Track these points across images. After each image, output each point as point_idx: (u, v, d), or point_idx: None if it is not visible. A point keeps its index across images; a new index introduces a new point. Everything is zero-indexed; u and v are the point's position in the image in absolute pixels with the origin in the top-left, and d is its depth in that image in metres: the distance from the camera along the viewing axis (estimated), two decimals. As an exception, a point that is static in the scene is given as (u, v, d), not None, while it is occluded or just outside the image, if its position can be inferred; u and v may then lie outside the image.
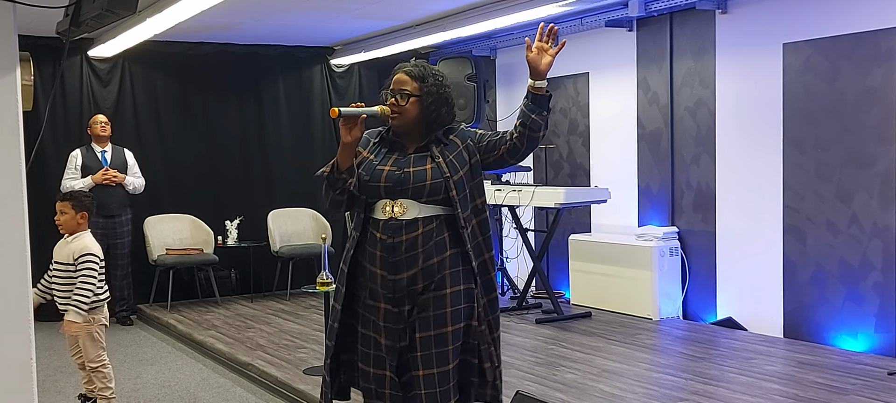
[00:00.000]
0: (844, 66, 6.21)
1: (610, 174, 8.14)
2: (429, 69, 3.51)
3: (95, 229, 7.99)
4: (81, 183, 7.97)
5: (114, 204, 8.08)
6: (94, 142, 8.17)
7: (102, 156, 8.14)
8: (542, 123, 3.34)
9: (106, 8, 2.91)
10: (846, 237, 6.24)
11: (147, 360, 6.89)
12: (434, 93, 3.43)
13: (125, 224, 8.21)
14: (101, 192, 7.97)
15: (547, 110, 3.38)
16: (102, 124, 8.17)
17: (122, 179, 8.11)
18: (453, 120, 3.53)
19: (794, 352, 6.18)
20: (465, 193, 3.33)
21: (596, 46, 8.27)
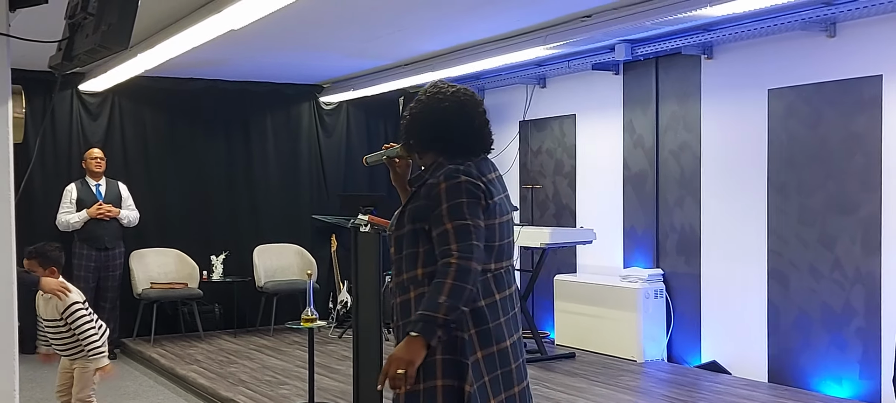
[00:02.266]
0: (828, 112, 6.28)
1: (595, 215, 8.18)
2: (426, 92, 3.06)
3: (89, 262, 8.02)
4: (76, 217, 7.98)
5: (107, 237, 8.07)
6: (89, 176, 8.18)
7: (97, 189, 8.14)
8: None
9: (98, 43, 2.93)
10: (829, 282, 6.28)
11: (129, 394, 6.85)
12: (413, 114, 3.04)
13: (118, 257, 8.20)
14: (95, 226, 8.01)
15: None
16: (97, 160, 8.18)
17: (116, 213, 8.11)
18: (447, 151, 2.97)
19: (778, 397, 6.19)
20: (410, 250, 2.92)
21: (583, 89, 8.33)
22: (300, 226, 9.57)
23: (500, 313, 2.90)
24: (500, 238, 2.93)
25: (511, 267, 3.02)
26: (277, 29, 6.58)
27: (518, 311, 3.03)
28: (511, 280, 2.99)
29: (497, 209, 2.91)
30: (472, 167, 2.90)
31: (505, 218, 2.97)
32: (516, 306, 3.01)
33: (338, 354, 7.85)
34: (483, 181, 2.88)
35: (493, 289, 2.90)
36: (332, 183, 9.82)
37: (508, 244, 2.99)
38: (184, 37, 6.16)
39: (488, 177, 2.93)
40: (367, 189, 9.89)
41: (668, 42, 7.01)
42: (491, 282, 2.90)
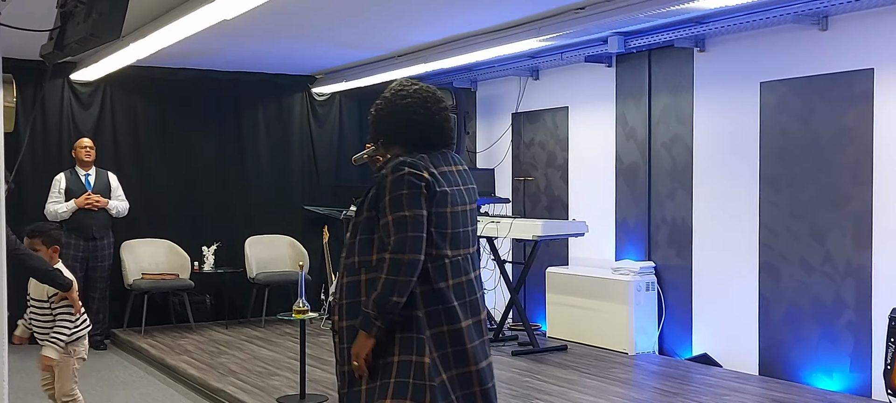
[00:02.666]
0: (820, 105, 6.29)
1: (588, 207, 8.18)
2: (389, 89, 3.31)
3: (77, 252, 8.00)
4: (65, 206, 7.95)
5: (96, 227, 8.05)
6: (78, 166, 8.15)
7: (86, 179, 8.12)
8: None
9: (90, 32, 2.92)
10: (820, 275, 6.30)
11: (118, 384, 6.84)
12: (376, 113, 3.30)
13: (107, 247, 8.18)
14: (84, 216, 7.99)
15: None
16: (87, 149, 8.15)
17: (105, 204, 8.09)
18: (410, 144, 3.21)
19: (768, 390, 6.21)
20: (355, 238, 3.19)
21: (575, 81, 8.33)
22: (292, 217, 9.56)
23: (454, 297, 3.13)
24: (453, 226, 3.15)
25: (472, 255, 3.25)
26: (270, 19, 6.56)
27: (480, 297, 3.26)
28: (468, 267, 3.21)
29: (448, 199, 3.13)
30: (421, 159, 3.12)
31: (460, 208, 3.18)
32: (477, 291, 3.25)
33: (329, 345, 7.84)
34: (429, 172, 3.09)
35: (449, 275, 3.14)
36: (324, 174, 9.80)
37: (466, 232, 3.22)
38: (176, 27, 6.14)
39: (441, 170, 3.15)
40: (359, 180, 9.86)
41: (660, 34, 7.01)
42: (447, 268, 3.14)
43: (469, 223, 3.25)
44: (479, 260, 3.34)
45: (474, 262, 3.28)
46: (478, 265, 3.31)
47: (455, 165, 3.25)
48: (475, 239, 3.30)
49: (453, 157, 3.27)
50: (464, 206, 3.22)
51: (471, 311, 3.19)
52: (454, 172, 3.22)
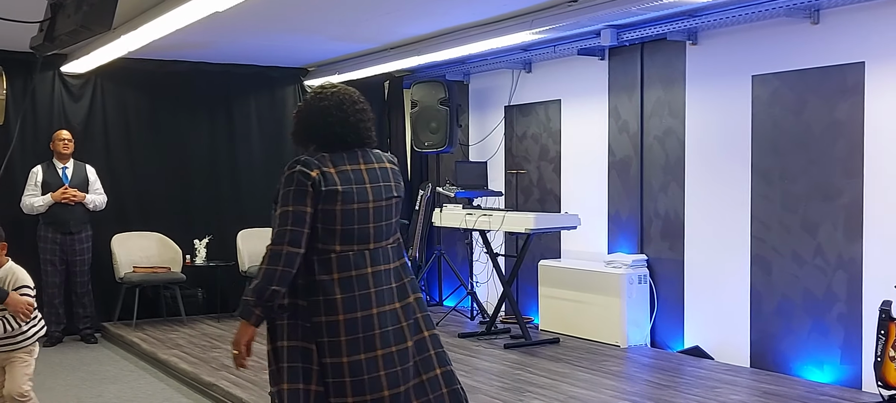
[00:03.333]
0: (811, 98, 6.30)
1: (580, 200, 8.18)
2: (308, 93, 3.58)
3: (54, 246, 7.96)
4: (41, 200, 7.89)
5: (73, 221, 7.99)
6: (56, 158, 8.08)
7: (63, 172, 8.05)
8: None
9: (80, 24, 2.91)
10: (811, 268, 6.31)
11: (109, 378, 6.83)
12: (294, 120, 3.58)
13: (84, 240, 8.11)
14: (61, 210, 7.92)
15: None
16: (65, 142, 8.08)
17: (81, 198, 8.02)
18: (310, 142, 3.47)
19: (759, 382, 6.22)
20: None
21: (568, 74, 8.33)
22: (284, 211, 9.53)
23: (340, 290, 3.30)
24: (344, 223, 3.30)
25: (381, 249, 3.40)
26: (262, 11, 6.55)
27: (393, 288, 3.42)
28: (363, 262, 3.34)
29: (339, 197, 3.28)
30: (319, 158, 3.32)
31: (357, 206, 3.32)
32: (385, 283, 3.40)
33: (321, 338, 7.83)
34: (322, 171, 3.28)
35: (335, 268, 3.30)
36: (316, 167, 9.77)
37: (365, 229, 3.35)
38: (168, 19, 6.12)
39: (342, 168, 3.33)
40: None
41: (653, 27, 7.01)
42: (333, 262, 3.30)
43: (371, 219, 3.37)
44: (400, 251, 3.51)
45: (386, 255, 3.42)
46: (393, 257, 3.46)
47: (367, 163, 3.41)
48: (390, 232, 3.46)
49: (369, 156, 3.45)
50: (366, 203, 3.35)
51: (376, 301, 3.34)
52: (361, 170, 3.38)
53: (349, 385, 3.29)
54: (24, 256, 8.09)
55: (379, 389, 3.32)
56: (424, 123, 9.15)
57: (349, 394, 3.29)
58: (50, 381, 6.72)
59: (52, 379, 6.78)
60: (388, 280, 3.42)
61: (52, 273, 7.98)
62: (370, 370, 3.31)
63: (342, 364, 3.28)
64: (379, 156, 3.49)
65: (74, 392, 6.42)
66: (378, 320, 3.35)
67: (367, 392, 3.30)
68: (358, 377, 3.29)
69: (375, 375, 3.32)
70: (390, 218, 3.47)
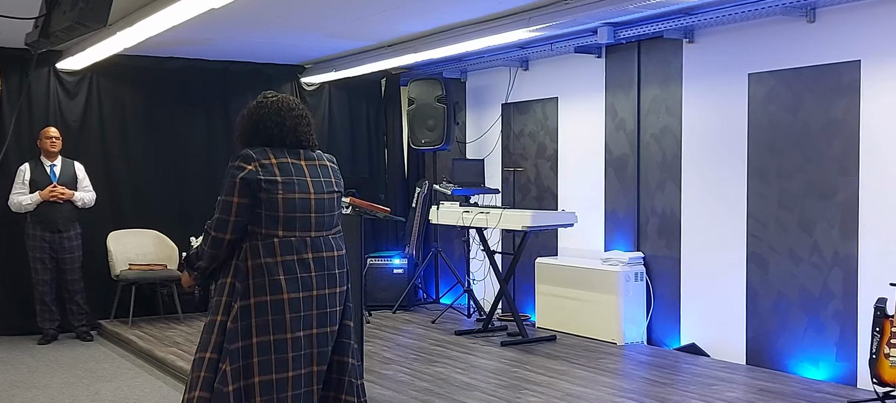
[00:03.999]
0: (807, 97, 6.30)
1: (577, 198, 8.19)
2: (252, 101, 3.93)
3: (43, 244, 7.93)
4: (29, 198, 7.84)
5: (61, 219, 7.92)
6: (44, 156, 7.99)
7: (51, 170, 7.98)
8: None
9: (76, 21, 2.91)
10: (807, 266, 6.32)
11: (106, 376, 6.82)
12: None
13: (73, 239, 8.06)
14: (49, 208, 7.86)
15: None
16: (53, 139, 7.98)
17: (70, 196, 7.95)
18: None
19: (755, 379, 6.23)
20: None
21: (565, 72, 8.33)
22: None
23: (282, 271, 3.60)
24: (286, 210, 3.63)
25: (322, 238, 3.73)
26: (258, 8, 6.54)
27: (321, 276, 3.71)
28: (303, 247, 3.66)
29: (280, 187, 3.62)
30: (259, 153, 3.67)
31: (299, 196, 3.66)
32: (327, 269, 3.73)
33: (318, 336, 7.83)
34: (260, 164, 3.63)
35: (278, 252, 3.62)
36: (313, 164, 9.77)
37: (306, 217, 3.68)
38: (164, 15, 6.11)
39: (283, 161, 3.69)
40: (349, 171, 9.86)
41: (650, 25, 7.01)
42: (276, 246, 3.62)
43: (312, 210, 3.70)
44: (340, 243, 3.84)
45: (327, 244, 3.76)
46: (334, 246, 3.79)
47: (307, 161, 3.77)
48: (331, 224, 3.80)
49: (309, 154, 3.81)
50: (306, 194, 3.69)
51: (304, 286, 3.65)
52: (301, 166, 3.73)
53: (290, 361, 3.62)
54: (14, 254, 8.15)
55: (309, 364, 3.68)
56: (421, 121, 9.15)
57: (289, 368, 3.62)
58: (45, 379, 6.72)
59: (47, 377, 6.78)
60: (331, 266, 3.76)
61: (42, 270, 7.94)
62: (306, 345, 3.65)
63: (284, 340, 3.60)
64: (318, 155, 3.85)
65: (70, 391, 6.41)
66: (316, 301, 3.68)
67: (302, 366, 3.65)
68: (296, 352, 3.63)
69: (309, 352, 3.67)
70: (332, 210, 3.80)
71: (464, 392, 5.89)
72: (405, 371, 6.53)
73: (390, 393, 5.89)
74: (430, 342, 7.61)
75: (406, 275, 9.30)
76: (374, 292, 9.19)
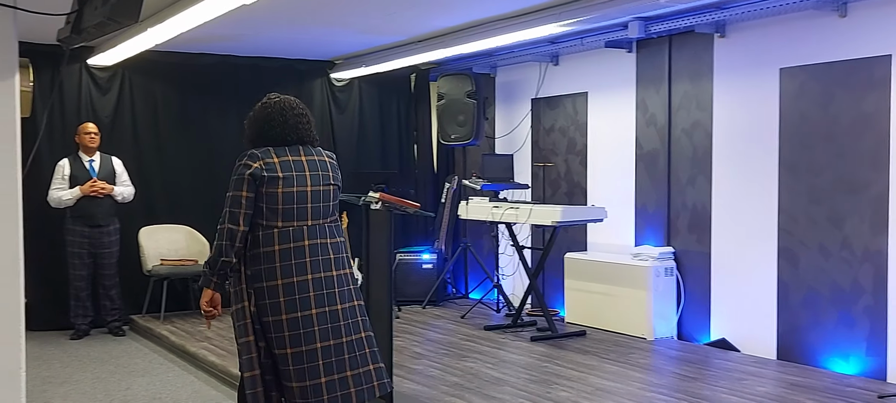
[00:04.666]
0: (839, 92, 6.25)
1: (607, 193, 8.16)
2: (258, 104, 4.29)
3: (82, 239, 8.01)
4: (69, 193, 7.92)
5: (100, 214, 8.01)
6: (82, 151, 8.09)
7: (90, 165, 8.07)
8: None
9: (108, 16, 2.92)
10: (838, 260, 6.27)
11: (138, 371, 6.88)
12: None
13: (112, 233, 8.15)
14: (88, 203, 7.94)
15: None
16: (91, 135, 8.08)
17: (110, 190, 8.04)
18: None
19: (785, 374, 6.19)
20: None
21: (595, 67, 8.30)
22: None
23: (280, 259, 3.99)
24: (285, 203, 4.01)
25: (318, 226, 4.10)
26: (289, 4, 6.57)
27: (329, 259, 4.10)
28: (300, 235, 4.04)
29: (280, 182, 4.00)
30: (263, 152, 4.05)
31: (297, 189, 4.04)
32: (322, 255, 4.08)
33: (348, 330, 7.85)
34: (264, 162, 4.01)
35: (276, 241, 4.00)
36: (343, 160, 9.75)
37: (304, 208, 4.06)
38: (195, 11, 6.14)
39: (284, 158, 4.07)
40: (379, 166, 9.88)
41: (681, 20, 6.97)
42: (275, 235, 4.01)
43: (309, 201, 4.08)
44: (337, 230, 4.19)
45: (322, 232, 4.11)
46: (329, 234, 4.14)
47: (307, 156, 4.15)
48: (327, 213, 4.15)
49: (309, 150, 4.18)
50: (304, 187, 4.07)
51: (311, 269, 4.03)
52: (301, 161, 4.10)
53: (288, 339, 3.97)
54: (47, 251, 8.24)
55: (312, 341, 3.99)
56: (451, 116, 9.15)
57: (288, 346, 3.97)
58: (78, 374, 6.79)
59: (80, 372, 6.85)
60: (326, 252, 4.10)
61: (79, 266, 8.03)
62: (305, 325, 3.98)
63: (282, 321, 3.98)
64: (318, 151, 4.22)
65: (103, 386, 6.48)
66: (312, 285, 4.02)
67: (303, 344, 3.97)
68: (295, 331, 3.97)
69: (310, 330, 3.99)
70: (328, 201, 4.16)
71: (494, 387, 5.90)
72: (435, 366, 6.54)
73: (420, 388, 5.90)
74: (460, 337, 7.62)
75: (435, 270, 9.31)
76: (403, 287, 9.20)
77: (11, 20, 2.98)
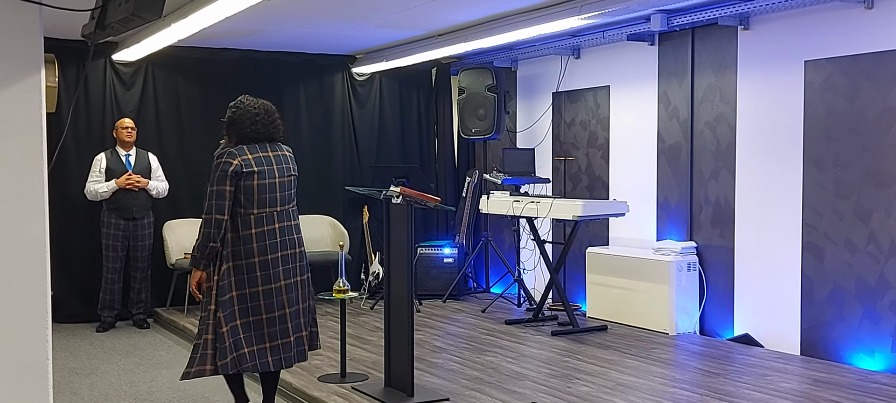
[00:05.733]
0: (865, 84, 6.19)
1: (629, 187, 8.13)
2: (233, 104, 5.05)
3: (117, 232, 8.11)
4: (105, 186, 8.04)
5: (136, 207, 8.13)
6: (119, 146, 8.23)
7: (126, 159, 8.19)
8: None
9: (131, 12, 2.94)
10: (864, 255, 6.22)
11: (162, 364, 6.93)
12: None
13: (147, 227, 8.26)
14: (124, 196, 8.06)
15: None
16: (129, 130, 8.23)
17: (145, 184, 8.16)
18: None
19: (810, 370, 6.15)
20: None
21: (617, 60, 8.27)
22: (333, 198, 9.60)
23: (256, 239, 4.82)
24: (259, 193, 4.82)
25: (286, 211, 4.96)
26: (310, -1, 6.57)
27: (294, 239, 4.99)
28: (272, 219, 4.88)
29: (255, 176, 4.81)
30: (238, 150, 4.84)
31: (268, 181, 4.86)
32: (287, 235, 4.94)
33: (370, 325, 7.88)
34: (241, 159, 4.81)
35: (252, 225, 4.82)
36: (364, 154, 9.82)
37: (274, 196, 4.88)
38: (217, 6, 6.16)
39: (256, 155, 4.87)
40: (400, 160, 9.89)
41: (704, 12, 6.93)
42: (251, 220, 4.82)
43: (278, 190, 4.90)
44: (293, 213, 5.03)
45: (287, 215, 4.97)
46: (292, 217, 5.01)
47: (273, 151, 4.95)
48: (289, 200, 5.01)
49: (275, 146, 4.99)
50: (273, 179, 4.88)
51: (270, 248, 4.86)
52: (269, 157, 4.91)
53: (263, 306, 4.87)
54: (76, 245, 8.32)
55: (282, 307, 4.91)
56: (472, 110, 9.15)
57: (263, 312, 4.87)
58: (104, 365, 6.84)
59: (106, 364, 6.90)
60: (290, 233, 4.97)
61: (114, 259, 8.15)
62: (277, 294, 4.89)
63: (258, 292, 4.85)
64: (280, 147, 5.01)
65: (128, 377, 6.53)
66: (281, 260, 4.89)
67: (275, 310, 4.88)
68: (268, 300, 4.86)
69: (280, 298, 4.90)
70: (289, 189, 5.00)
71: (514, 382, 5.89)
72: (456, 360, 6.54)
73: (441, 382, 5.91)
74: (481, 331, 7.61)
75: (456, 265, 9.31)
76: (424, 281, 9.21)
77: (37, 16, 3.00)
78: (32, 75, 3.02)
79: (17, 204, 3.00)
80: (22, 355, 3.04)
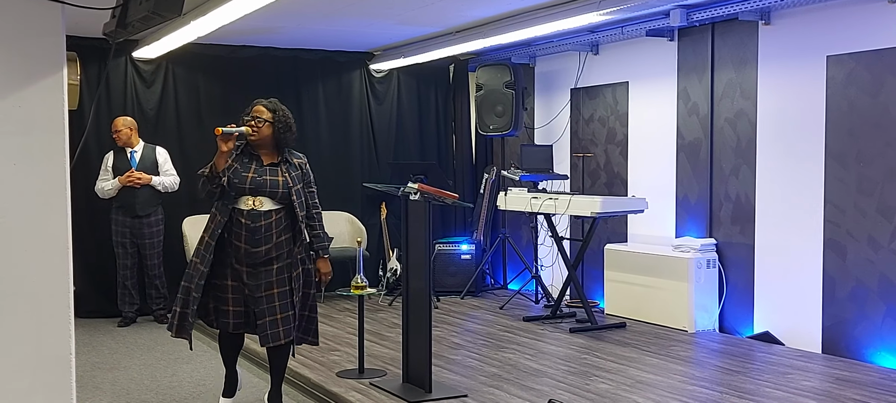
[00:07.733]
0: (889, 79, 6.14)
1: (648, 184, 8.10)
2: (278, 105, 5.25)
3: (124, 228, 8.13)
4: (110, 184, 8.04)
5: (140, 204, 8.09)
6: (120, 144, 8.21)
7: (131, 156, 8.14)
8: None
9: (152, 10, 2.95)
10: (887, 252, 6.17)
11: (184, 359, 6.95)
12: (282, 121, 5.16)
13: (154, 224, 8.23)
14: (127, 193, 8.04)
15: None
16: (118, 133, 8.07)
17: (146, 180, 8.10)
18: (294, 142, 5.29)
19: (831, 368, 6.11)
20: (301, 199, 5.14)
21: (636, 56, 8.24)
22: (351, 194, 9.61)
23: None
24: None
25: None
26: (328, -4, 6.58)
27: None
28: None
29: None
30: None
31: None
32: None
33: (388, 321, 7.89)
34: None
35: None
36: (382, 151, 9.83)
37: None
38: (236, 4, 6.18)
39: None
40: (418, 157, 9.90)
41: (724, 7, 6.89)
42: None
43: None
44: None
45: None
46: None
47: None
48: None
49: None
50: None
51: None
52: None
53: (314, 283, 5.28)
54: (96, 240, 8.37)
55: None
56: (490, 106, 9.14)
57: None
58: (125, 360, 6.88)
59: (128, 359, 6.93)
60: None
61: (124, 255, 8.16)
62: None
63: (310, 269, 5.25)
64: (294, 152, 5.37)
65: (149, 372, 6.55)
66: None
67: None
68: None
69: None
70: None
71: (532, 378, 5.89)
72: (474, 357, 6.54)
73: (459, 378, 5.91)
74: (499, 328, 7.61)
75: (474, 261, 9.31)
76: (442, 278, 9.21)
77: (60, 15, 3.02)
78: (55, 73, 3.04)
79: (40, 200, 3.02)
80: (46, 349, 3.07)
